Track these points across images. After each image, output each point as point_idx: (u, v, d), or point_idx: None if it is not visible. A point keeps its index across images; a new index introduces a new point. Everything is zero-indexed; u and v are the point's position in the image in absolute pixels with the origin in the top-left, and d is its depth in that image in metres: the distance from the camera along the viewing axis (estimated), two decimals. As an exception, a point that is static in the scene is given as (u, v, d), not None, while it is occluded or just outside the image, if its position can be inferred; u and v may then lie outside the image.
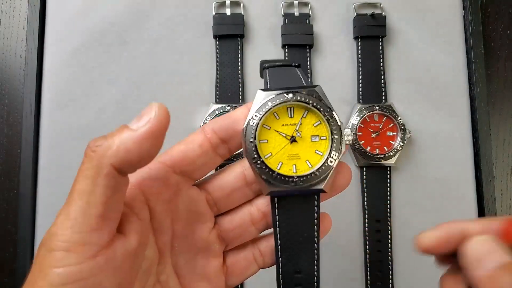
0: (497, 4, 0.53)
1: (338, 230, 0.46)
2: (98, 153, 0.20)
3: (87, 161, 0.20)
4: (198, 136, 0.24)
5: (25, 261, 0.44)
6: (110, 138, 0.21)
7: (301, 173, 0.22)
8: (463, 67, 0.49)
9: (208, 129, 0.24)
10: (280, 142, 0.23)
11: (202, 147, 0.24)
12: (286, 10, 0.49)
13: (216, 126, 0.24)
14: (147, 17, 0.48)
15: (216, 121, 0.24)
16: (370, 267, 0.45)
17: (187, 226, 0.25)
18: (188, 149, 0.24)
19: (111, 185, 0.20)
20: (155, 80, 0.47)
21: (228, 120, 0.24)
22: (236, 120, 0.24)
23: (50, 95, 0.46)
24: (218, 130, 0.24)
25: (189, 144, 0.24)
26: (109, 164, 0.20)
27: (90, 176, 0.20)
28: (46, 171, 0.45)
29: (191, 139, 0.24)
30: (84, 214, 0.20)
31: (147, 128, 0.21)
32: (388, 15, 0.49)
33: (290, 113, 0.23)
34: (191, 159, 0.23)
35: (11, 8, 0.50)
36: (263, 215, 0.25)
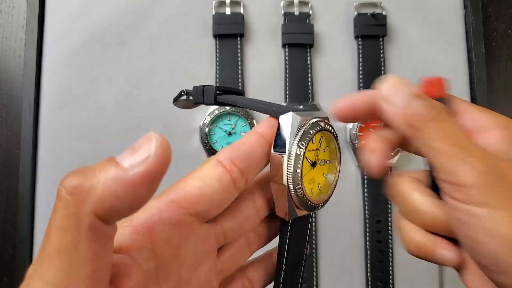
0: (497, 4, 0.52)
1: (339, 230, 0.46)
2: (76, 197, 0.16)
3: (62, 207, 0.16)
4: (215, 169, 0.20)
5: (24, 261, 0.44)
6: (92, 176, 0.16)
7: (316, 197, 0.23)
8: (464, 67, 0.49)
9: (225, 160, 0.20)
10: (307, 168, 0.22)
11: (221, 182, 0.20)
12: (286, 9, 0.48)
13: (235, 156, 0.20)
14: (146, 17, 0.48)
15: (232, 150, 0.21)
16: (370, 267, 0.45)
17: (193, 269, 0.21)
18: (206, 186, 0.20)
19: (97, 238, 0.16)
20: (154, 79, 0.47)
21: (246, 148, 0.21)
22: (254, 148, 0.21)
23: (49, 94, 0.46)
24: (237, 160, 0.20)
25: (206, 180, 0.20)
26: (91, 213, 0.16)
27: (69, 227, 0.16)
28: (45, 171, 0.45)
29: (207, 173, 0.20)
30: (69, 278, 0.15)
31: (143, 170, 0.16)
32: (388, 15, 0.49)
33: (314, 139, 0.23)
34: (209, 198, 0.20)
35: (10, 7, 0.50)
36: (259, 236, 0.24)
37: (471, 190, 0.18)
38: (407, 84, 0.22)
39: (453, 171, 0.19)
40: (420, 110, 0.21)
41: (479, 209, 0.18)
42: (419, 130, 0.20)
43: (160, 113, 0.47)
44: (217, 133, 0.45)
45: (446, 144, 0.20)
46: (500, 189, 0.18)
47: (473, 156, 0.19)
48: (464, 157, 0.19)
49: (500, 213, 0.18)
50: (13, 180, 0.48)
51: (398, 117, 0.21)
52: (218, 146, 0.45)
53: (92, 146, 0.46)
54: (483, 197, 0.18)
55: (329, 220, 0.46)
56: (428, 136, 0.20)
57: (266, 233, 0.24)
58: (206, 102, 0.25)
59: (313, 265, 0.45)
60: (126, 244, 0.19)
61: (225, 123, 0.46)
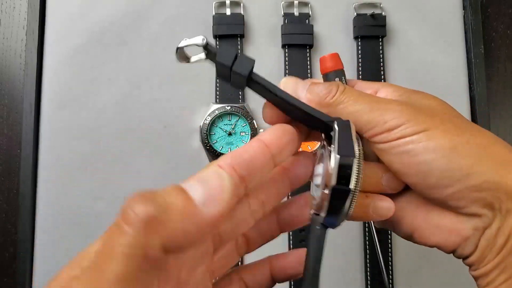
0: (497, 4, 0.53)
1: (338, 230, 0.46)
2: (149, 229, 0.16)
3: (132, 235, 0.15)
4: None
5: (25, 261, 0.44)
6: (163, 205, 0.16)
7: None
8: (463, 67, 0.49)
9: (226, 165, 0.20)
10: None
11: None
12: (286, 10, 0.48)
13: (236, 162, 0.20)
14: (146, 17, 0.48)
15: (234, 157, 0.20)
16: (370, 267, 0.45)
17: (191, 270, 0.21)
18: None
19: (158, 266, 0.16)
20: (155, 80, 0.47)
21: (247, 156, 0.20)
22: (256, 157, 0.20)
23: (49, 95, 0.46)
24: (238, 166, 0.20)
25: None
26: (159, 246, 0.16)
27: (135, 256, 0.15)
28: (46, 171, 0.45)
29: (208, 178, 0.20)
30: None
31: (217, 213, 0.16)
32: (388, 15, 0.49)
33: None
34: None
35: (11, 8, 0.50)
36: (247, 240, 0.25)
37: (405, 125, 0.22)
38: (299, 80, 0.25)
39: (380, 121, 0.22)
40: (322, 90, 0.24)
41: (416, 136, 0.22)
42: (332, 105, 0.23)
43: (161, 113, 0.47)
44: (217, 133, 0.46)
45: (363, 103, 0.23)
46: (423, 116, 0.22)
47: (389, 103, 0.23)
48: (383, 107, 0.22)
49: (433, 131, 0.22)
50: (14, 180, 0.48)
51: (312, 104, 0.24)
52: (218, 146, 0.45)
53: (92, 146, 0.46)
54: (415, 127, 0.22)
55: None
56: (344, 104, 0.23)
57: (254, 238, 0.25)
58: (236, 70, 0.22)
59: (313, 264, 0.45)
60: None
61: (225, 123, 0.46)
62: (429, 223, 0.24)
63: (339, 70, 0.27)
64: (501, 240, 0.22)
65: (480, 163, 0.21)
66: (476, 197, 0.22)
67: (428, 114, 0.23)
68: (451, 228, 0.23)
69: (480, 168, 0.21)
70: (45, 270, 0.44)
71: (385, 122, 0.22)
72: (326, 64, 0.27)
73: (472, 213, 0.22)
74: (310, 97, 0.24)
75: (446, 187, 0.22)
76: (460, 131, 0.22)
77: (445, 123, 0.22)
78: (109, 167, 0.46)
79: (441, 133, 0.22)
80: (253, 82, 0.22)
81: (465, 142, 0.22)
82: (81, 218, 0.45)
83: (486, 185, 0.21)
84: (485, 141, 0.22)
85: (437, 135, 0.22)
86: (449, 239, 0.23)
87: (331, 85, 0.24)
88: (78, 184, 0.45)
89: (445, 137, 0.22)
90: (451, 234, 0.23)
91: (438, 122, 0.22)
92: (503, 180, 0.21)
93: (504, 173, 0.22)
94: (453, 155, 0.21)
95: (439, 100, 0.25)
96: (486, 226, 0.22)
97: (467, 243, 0.23)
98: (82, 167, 0.46)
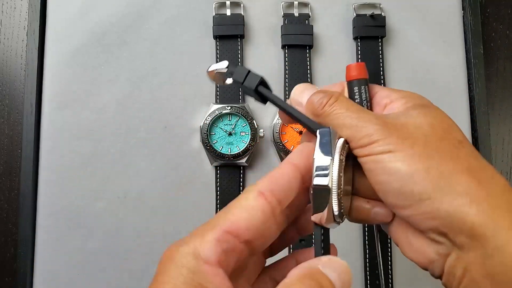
0: (496, 5, 0.53)
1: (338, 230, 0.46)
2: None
3: None
4: (258, 200, 0.22)
5: (26, 261, 0.44)
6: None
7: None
8: (463, 67, 0.49)
9: (266, 191, 0.22)
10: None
11: (264, 213, 0.21)
12: (286, 11, 0.49)
13: (274, 187, 0.22)
14: (147, 17, 0.48)
15: (271, 182, 0.22)
16: (369, 267, 0.46)
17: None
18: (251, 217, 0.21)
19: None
20: (155, 80, 0.47)
21: (284, 182, 0.22)
22: (291, 180, 0.23)
23: (50, 95, 0.47)
24: (277, 192, 0.22)
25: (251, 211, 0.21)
26: None
27: None
28: (47, 171, 0.46)
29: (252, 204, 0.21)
30: None
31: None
32: (387, 16, 0.49)
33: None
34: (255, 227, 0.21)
35: (12, 8, 0.50)
36: (270, 246, 0.26)
37: (374, 144, 0.23)
38: (311, 86, 0.27)
39: (356, 136, 0.23)
40: (319, 99, 0.25)
41: (381, 156, 0.23)
42: (322, 115, 0.25)
43: (161, 114, 0.47)
44: (218, 133, 0.46)
45: (346, 118, 0.24)
46: (394, 138, 0.23)
47: (368, 121, 0.24)
48: (361, 124, 0.24)
49: (397, 154, 0.22)
50: (15, 180, 0.48)
51: (307, 112, 0.26)
52: (218, 146, 0.45)
53: (93, 146, 0.46)
54: (382, 147, 0.23)
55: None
56: (332, 117, 0.25)
57: (277, 244, 0.27)
58: (246, 85, 0.26)
59: (313, 264, 0.45)
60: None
61: (225, 123, 0.46)
62: (405, 239, 0.25)
63: (362, 79, 0.27)
64: (459, 272, 0.22)
65: (436, 191, 0.21)
66: (430, 224, 0.22)
67: (403, 135, 0.23)
68: (420, 249, 0.24)
69: (434, 196, 0.21)
70: (45, 270, 0.45)
71: (359, 139, 0.23)
72: (351, 73, 0.28)
73: (432, 239, 0.23)
74: (307, 106, 0.26)
75: (403, 209, 0.23)
76: (427, 157, 0.22)
77: (414, 147, 0.22)
78: (109, 167, 0.46)
79: (403, 157, 0.22)
80: (261, 94, 0.26)
81: (425, 169, 0.22)
82: (82, 218, 0.45)
83: (437, 213, 0.21)
84: (456, 170, 0.22)
85: (398, 159, 0.22)
86: (419, 258, 0.24)
87: (324, 96, 0.25)
88: (78, 184, 0.46)
89: (406, 161, 0.22)
90: (420, 255, 0.24)
91: (407, 145, 0.22)
92: (455, 213, 0.21)
93: (458, 205, 0.21)
94: (408, 180, 0.22)
95: (439, 118, 0.25)
96: (447, 254, 0.22)
97: (434, 265, 0.24)
98: (82, 167, 0.46)
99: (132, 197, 0.46)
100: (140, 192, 0.46)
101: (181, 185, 0.46)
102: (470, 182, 0.22)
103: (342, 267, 0.21)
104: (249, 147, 0.45)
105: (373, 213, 0.26)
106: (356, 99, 0.27)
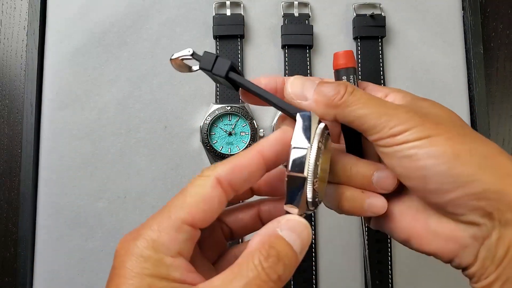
0: (496, 5, 0.53)
1: (338, 230, 0.46)
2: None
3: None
4: (216, 190, 0.21)
5: (25, 261, 0.44)
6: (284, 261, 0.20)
7: (319, 196, 0.23)
8: (463, 67, 0.49)
9: (225, 182, 0.21)
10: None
11: (221, 203, 0.22)
12: (286, 11, 0.49)
13: (233, 177, 0.22)
14: (147, 17, 0.48)
15: (232, 171, 0.22)
16: (369, 267, 0.46)
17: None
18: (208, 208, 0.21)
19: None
20: (155, 80, 0.47)
21: (246, 172, 0.22)
22: (253, 169, 0.22)
23: (50, 95, 0.47)
24: (234, 182, 0.22)
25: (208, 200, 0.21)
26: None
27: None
28: (47, 171, 0.46)
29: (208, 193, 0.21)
30: None
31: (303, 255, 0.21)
32: (387, 16, 0.49)
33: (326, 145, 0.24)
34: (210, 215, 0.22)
35: (12, 8, 0.50)
36: (230, 230, 0.26)
37: (411, 131, 0.22)
38: (308, 78, 0.25)
39: (386, 126, 0.23)
40: (330, 90, 0.24)
41: (420, 142, 0.22)
42: (341, 106, 0.24)
43: (161, 114, 0.47)
44: (218, 133, 0.46)
45: (370, 107, 0.23)
46: (428, 123, 0.23)
47: (397, 109, 0.23)
48: (390, 113, 0.23)
49: (437, 138, 0.22)
50: (14, 180, 0.48)
51: (320, 104, 0.24)
52: (218, 146, 0.45)
53: (93, 146, 0.46)
54: (420, 133, 0.22)
55: (328, 220, 0.46)
56: (353, 107, 0.23)
57: (237, 230, 0.26)
58: (214, 72, 0.24)
59: (313, 265, 0.45)
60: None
61: (225, 123, 0.46)
62: (427, 229, 0.24)
63: (350, 68, 0.26)
64: (501, 251, 0.22)
65: (481, 172, 0.22)
66: (475, 205, 0.22)
67: (434, 121, 0.23)
68: (449, 235, 0.23)
69: (481, 177, 0.22)
70: (46, 270, 0.45)
71: (390, 128, 0.22)
72: (339, 61, 0.26)
73: (470, 221, 0.22)
74: (318, 98, 0.24)
75: (446, 193, 0.22)
76: (464, 139, 0.22)
77: (449, 131, 0.23)
78: (109, 167, 0.46)
79: (445, 140, 0.22)
80: (232, 80, 0.24)
81: (468, 150, 0.22)
82: (82, 217, 0.45)
83: (486, 194, 0.21)
84: (489, 151, 0.23)
85: (441, 142, 0.22)
86: (446, 247, 0.23)
87: (339, 85, 0.24)
88: (78, 184, 0.46)
89: (448, 144, 0.22)
90: (449, 242, 0.23)
91: (443, 129, 0.23)
92: (504, 191, 0.21)
93: (506, 184, 0.22)
94: (454, 162, 0.22)
95: (446, 109, 0.25)
96: (485, 236, 0.22)
97: (465, 252, 0.23)
98: (82, 167, 0.46)
99: (132, 197, 0.46)
100: (140, 192, 0.46)
101: (181, 185, 0.46)
102: (506, 163, 0.22)
103: (300, 226, 0.21)
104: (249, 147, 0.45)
105: (368, 204, 0.25)
106: None
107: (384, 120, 0.23)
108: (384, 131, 0.23)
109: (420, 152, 0.22)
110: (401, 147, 0.22)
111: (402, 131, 0.22)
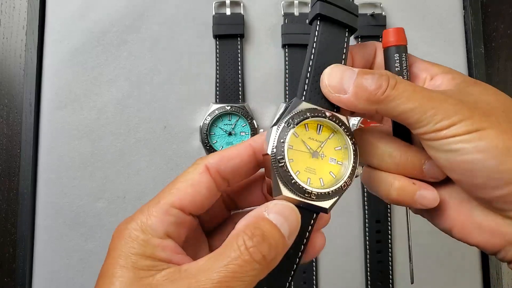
0: (497, 4, 0.53)
1: (339, 230, 0.46)
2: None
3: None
4: (203, 176, 0.22)
5: (24, 261, 0.44)
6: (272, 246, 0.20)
7: (316, 187, 0.22)
8: (464, 67, 0.49)
9: (212, 169, 0.22)
10: (303, 153, 0.23)
11: (209, 190, 0.22)
12: (286, 10, 0.48)
13: (222, 166, 0.22)
14: (147, 17, 0.48)
15: (222, 161, 0.22)
16: (370, 267, 0.45)
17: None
18: (197, 193, 0.22)
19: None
20: (155, 80, 0.47)
21: (235, 163, 0.23)
22: (243, 163, 0.23)
23: (49, 95, 0.46)
24: (223, 171, 0.22)
25: (196, 186, 0.22)
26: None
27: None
28: (46, 171, 0.45)
29: (198, 179, 0.22)
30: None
31: (292, 240, 0.21)
32: (388, 15, 0.49)
33: (319, 130, 0.23)
34: (200, 202, 0.22)
35: (11, 8, 0.50)
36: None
37: (460, 124, 0.21)
38: (347, 68, 0.23)
39: (432, 121, 0.21)
40: (372, 84, 0.22)
41: (468, 136, 0.21)
42: (384, 101, 0.22)
43: (161, 113, 0.47)
44: (217, 133, 0.46)
45: (415, 101, 0.22)
46: (478, 115, 0.21)
47: (444, 101, 0.22)
48: (437, 106, 0.21)
49: (488, 131, 0.21)
50: (14, 180, 0.48)
51: (359, 99, 0.22)
52: (218, 146, 0.45)
53: (92, 146, 0.46)
54: (469, 127, 0.21)
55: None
56: (396, 102, 0.22)
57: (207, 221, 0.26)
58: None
59: (313, 265, 0.45)
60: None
61: (225, 123, 0.46)
62: (471, 221, 0.23)
63: (401, 45, 0.25)
64: None
65: None
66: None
67: (485, 112, 0.21)
68: (495, 229, 0.22)
69: None
70: (45, 270, 0.45)
71: (436, 122, 0.21)
72: (389, 38, 0.25)
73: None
74: (358, 93, 0.22)
75: (494, 189, 0.21)
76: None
77: (501, 123, 0.21)
78: (109, 167, 0.46)
79: (496, 134, 0.21)
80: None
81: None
82: (81, 217, 0.45)
83: None
84: None
85: (491, 136, 0.21)
86: (491, 240, 0.23)
87: (381, 78, 0.22)
88: (78, 184, 0.45)
89: (499, 138, 0.21)
90: (494, 236, 0.22)
91: (494, 121, 0.21)
92: None
93: None
94: (505, 157, 0.20)
95: (501, 96, 0.23)
96: None
97: (511, 247, 0.22)
98: (82, 167, 0.46)
99: (132, 197, 0.46)
100: (139, 192, 0.46)
101: (181, 185, 0.46)
102: None
103: (288, 209, 0.21)
104: (249, 147, 0.45)
105: (418, 196, 0.23)
106: (396, 67, 0.24)
107: (430, 114, 0.21)
108: (430, 126, 0.21)
109: (468, 146, 0.21)
110: (448, 140, 0.21)
111: (449, 125, 0.21)
